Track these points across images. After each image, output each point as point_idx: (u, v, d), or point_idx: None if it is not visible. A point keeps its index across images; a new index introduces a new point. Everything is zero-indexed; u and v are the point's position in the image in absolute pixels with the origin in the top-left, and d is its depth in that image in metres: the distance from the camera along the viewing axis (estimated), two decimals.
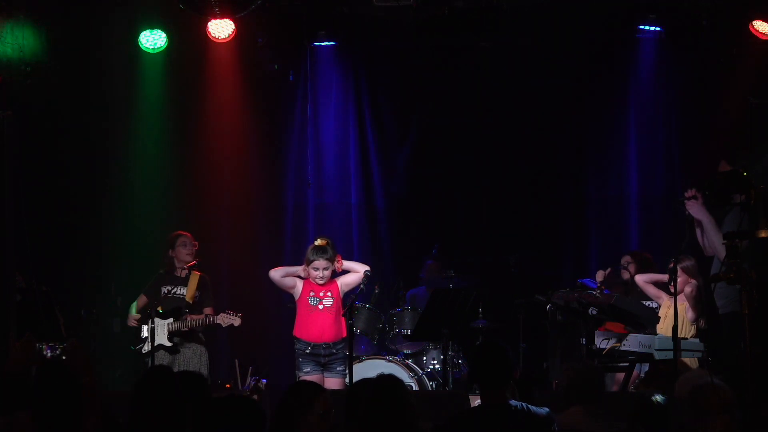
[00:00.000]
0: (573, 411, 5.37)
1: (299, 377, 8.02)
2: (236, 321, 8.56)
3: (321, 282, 8.03)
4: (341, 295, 8.16)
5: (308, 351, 8.00)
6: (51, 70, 9.41)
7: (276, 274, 8.23)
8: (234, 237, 10.48)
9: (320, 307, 8.03)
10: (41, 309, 7.49)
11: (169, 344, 8.54)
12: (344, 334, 8.07)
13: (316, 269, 8.02)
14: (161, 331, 8.52)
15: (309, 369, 7.97)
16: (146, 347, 8.48)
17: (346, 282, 8.18)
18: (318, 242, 8.17)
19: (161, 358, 8.52)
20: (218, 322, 8.55)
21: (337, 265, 8.10)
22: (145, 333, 8.50)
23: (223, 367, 9.23)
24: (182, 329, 8.56)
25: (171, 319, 8.55)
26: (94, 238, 9.89)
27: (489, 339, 8.54)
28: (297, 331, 8.14)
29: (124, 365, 9.57)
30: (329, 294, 8.09)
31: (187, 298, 8.60)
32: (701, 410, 4.85)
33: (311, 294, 8.00)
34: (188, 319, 8.56)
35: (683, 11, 9.52)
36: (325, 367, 8.05)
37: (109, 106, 10.04)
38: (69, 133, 9.73)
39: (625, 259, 8.94)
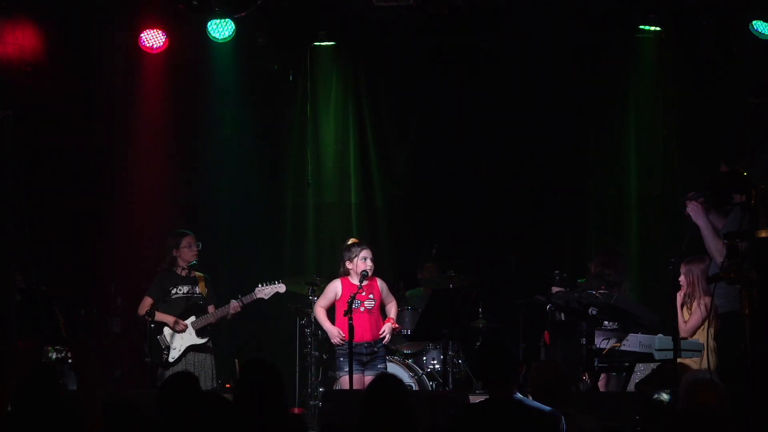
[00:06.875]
0: None
1: (339, 376, 8.03)
2: (280, 288, 8.51)
3: (367, 271, 8.04)
4: (382, 296, 8.26)
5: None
6: (51, 70, 9.42)
7: (323, 310, 8.31)
8: (234, 237, 10.48)
9: (361, 309, 8.06)
10: (41, 309, 7.51)
11: (201, 341, 8.49)
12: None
13: (365, 259, 8.08)
14: (188, 331, 8.49)
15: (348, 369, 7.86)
16: (173, 355, 8.44)
17: (387, 291, 8.35)
18: (351, 240, 8.43)
19: (187, 360, 8.47)
20: (259, 296, 8.47)
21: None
22: (166, 341, 8.44)
23: (224, 367, 9.22)
24: (211, 322, 8.51)
25: (193, 318, 8.52)
26: (94, 238, 9.89)
27: (490, 337, 8.56)
28: None
29: (124, 365, 9.57)
30: (371, 296, 8.13)
31: (204, 294, 8.60)
32: (696, 405, 4.86)
33: (351, 296, 7.95)
34: (210, 312, 8.54)
35: (683, 11, 9.52)
36: (365, 366, 8.06)
37: (109, 106, 10.04)
38: (69, 133, 9.72)
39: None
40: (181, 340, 8.44)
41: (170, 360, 8.41)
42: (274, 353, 9.83)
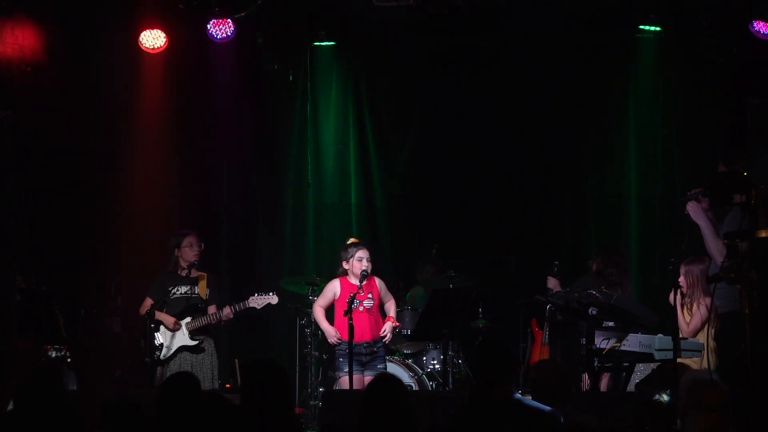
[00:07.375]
0: None
1: (339, 377, 8.02)
2: (273, 299, 8.51)
3: (367, 271, 8.04)
4: (380, 295, 8.27)
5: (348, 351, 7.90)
6: (51, 70, 9.42)
7: (321, 310, 8.31)
8: (234, 237, 10.48)
9: (361, 309, 8.05)
10: (41, 309, 7.50)
11: (192, 343, 8.49)
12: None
13: (361, 259, 8.07)
14: (181, 332, 8.49)
15: (348, 369, 7.83)
16: (164, 353, 8.44)
17: (385, 290, 8.35)
18: (351, 240, 8.44)
19: (184, 360, 8.48)
20: (251, 306, 8.47)
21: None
22: (159, 339, 8.45)
23: (223, 367, 9.22)
24: (207, 324, 8.52)
25: (189, 318, 8.52)
26: (94, 239, 9.88)
27: (488, 337, 8.57)
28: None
29: (124, 365, 9.57)
30: (369, 295, 8.12)
31: (202, 295, 8.59)
32: (697, 405, 4.86)
33: (351, 296, 7.94)
34: (211, 313, 8.55)
35: (683, 11, 9.52)
36: (365, 366, 8.05)
37: (109, 106, 10.04)
38: (69, 133, 9.72)
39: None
40: (174, 339, 8.45)
41: (162, 358, 8.41)
42: (274, 353, 9.84)
